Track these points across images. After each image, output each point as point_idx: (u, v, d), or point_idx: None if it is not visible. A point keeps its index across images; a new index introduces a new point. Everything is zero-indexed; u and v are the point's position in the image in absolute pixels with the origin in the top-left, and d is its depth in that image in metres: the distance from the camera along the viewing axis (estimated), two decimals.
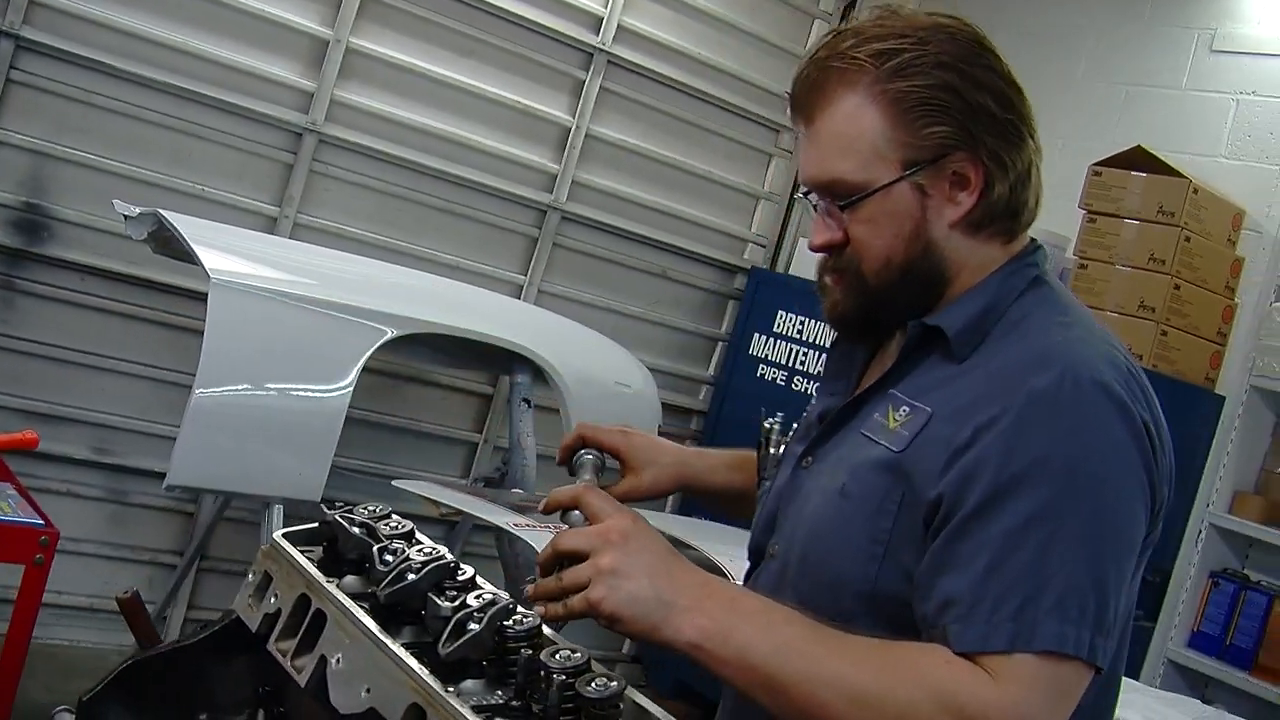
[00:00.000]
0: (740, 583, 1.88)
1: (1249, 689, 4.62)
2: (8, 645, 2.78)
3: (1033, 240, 1.77)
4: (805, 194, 1.75)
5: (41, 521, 2.81)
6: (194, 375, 3.62)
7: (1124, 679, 4.15)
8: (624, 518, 1.53)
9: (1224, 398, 5.08)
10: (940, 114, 1.63)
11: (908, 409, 1.66)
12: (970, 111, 1.64)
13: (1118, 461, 1.55)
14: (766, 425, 1.97)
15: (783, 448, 1.92)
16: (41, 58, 4.56)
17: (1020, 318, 1.68)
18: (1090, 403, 1.54)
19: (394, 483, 3.96)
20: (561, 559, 1.50)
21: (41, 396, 4.74)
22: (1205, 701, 4.41)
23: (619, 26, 5.72)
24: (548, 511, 1.60)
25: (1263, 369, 4.89)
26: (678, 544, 1.92)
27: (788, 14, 6.30)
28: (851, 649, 1.47)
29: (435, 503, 3.70)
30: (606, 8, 5.67)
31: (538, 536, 3.30)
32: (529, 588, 1.50)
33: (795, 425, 1.93)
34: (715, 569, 3.23)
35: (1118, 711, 3.63)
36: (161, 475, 3.69)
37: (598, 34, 5.67)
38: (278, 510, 3.82)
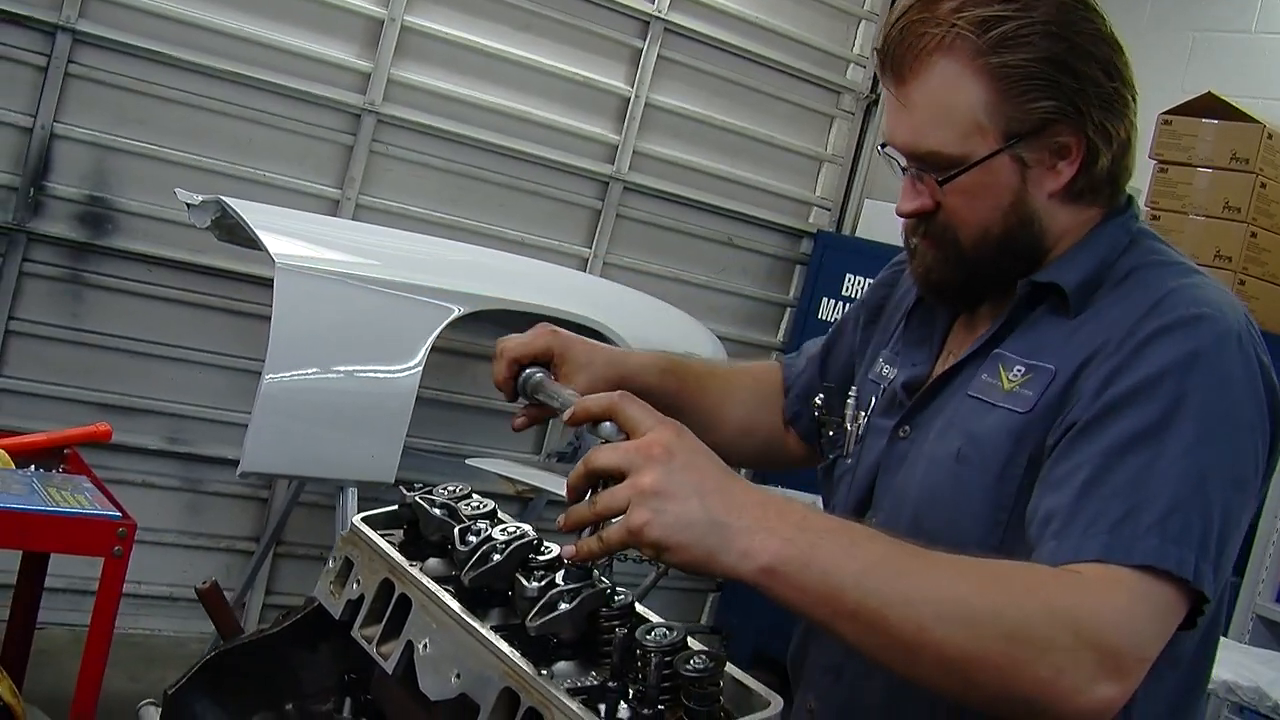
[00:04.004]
0: None
1: None
2: (91, 637, 2.77)
3: (1126, 194, 1.71)
4: (884, 147, 1.67)
5: (118, 513, 2.79)
6: (263, 361, 3.61)
7: None
8: (666, 429, 1.32)
9: None
10: (1046, 88, 1.55)
11: (1023, 368, 1.59)
12: (1077, 84, 1.56)
13: (1234, 394, 1.49)
14: (850, 400, 1.85)
15: (861, 423, 1.82)
16: (98, 50, 4.57)
17: (1129, 270, 1.62)
18: (1207, 336, 1.49)
19: (468, 461, 3.95)
20: (595, 479, 1.32)
21: (113, 389, 4.78)
22: None
23: None
24: (575, 423, 1.40)
25: None
26: None
27: None
28: (948, 565, 1.34)
29: (511, 480, 3.70)
30: None
31: None
32: (560, 518, 1.34)
33: (870, 400, 1.84)
34: None
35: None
36: (235, 463, 3.69)
37: (654, 1, 5.60)
38: (352, 493, 3.81)
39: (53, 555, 3.21)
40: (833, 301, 5.96)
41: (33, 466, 2.99)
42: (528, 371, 1.77)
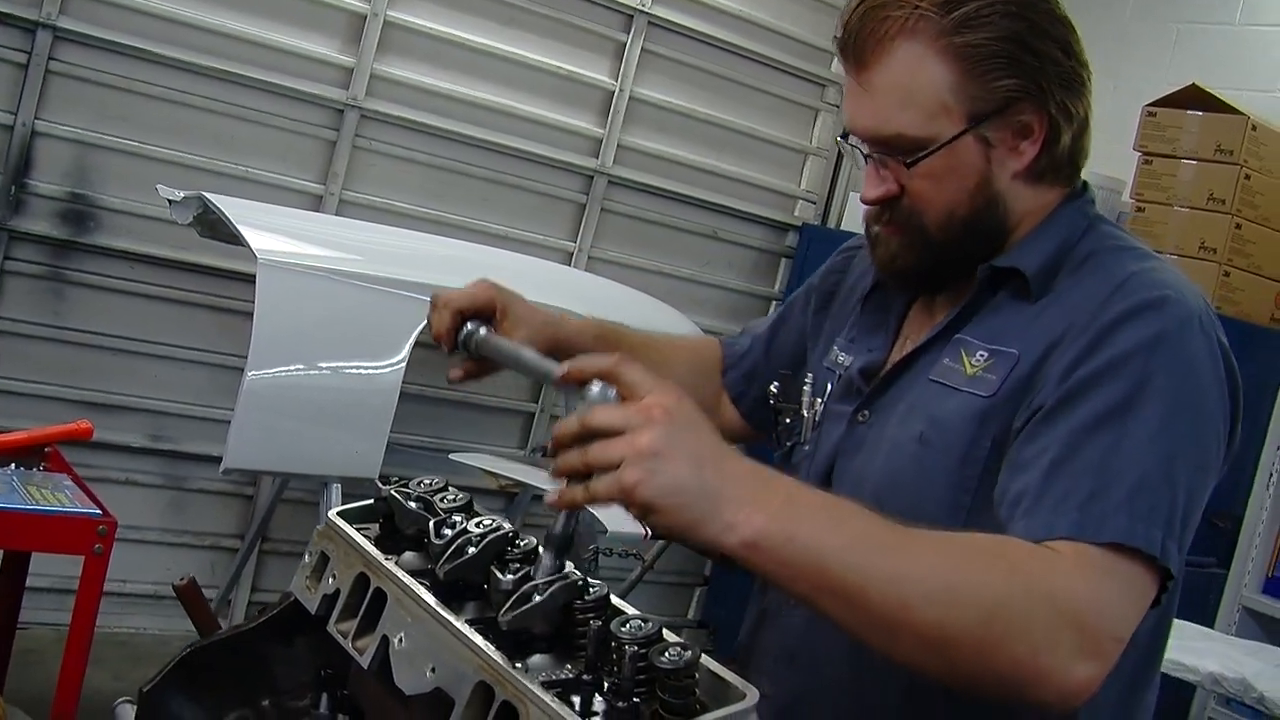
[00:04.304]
0: None
1: None
2: (71, 636, 2.75)
3: (1082, 180, 1.73)
4: (844, 137, 1.69)
5: (99, 511, 2.78)
6: (246, 358, 3.60)
7: (1199, 628, 4.10)
8: (668, 393, 1.30)
9: None
10: (1009, 66, 1.57)
11: (985, 353, 1.60)
12: (1038, 63, 1.58)
13: (1197, 377, 1.50)
14: (805, 387, 1.85)
15: (818, 409, 1.82)
16: (79, 47, 4.55)
17: (1087, 254, 1.63)
18: (1171, 319, 1.50)
19: (451, 456, 3.93)
20: (589, 437, 1.28)
21: (96, 386, 4.76)
22: None
23: None
24: (567, 382, 1.37)
25: None
26: None
27: None
28: (930, 542, 1.35)
29: (494, 474, 3.68)
30: None
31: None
32: (551, 464, 1.31)
33: (826, 386, 1.84)
34: None
35: (1195, 660, 3.58)
36: (219, 460, 3.68)
37: None
38: (336, 489, 3.80)
39: (37, 554, 3.19)
40: None
41: (13, 465, 2.97)
42: (471, 325, 1.76)
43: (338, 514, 1.62)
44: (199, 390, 4.92)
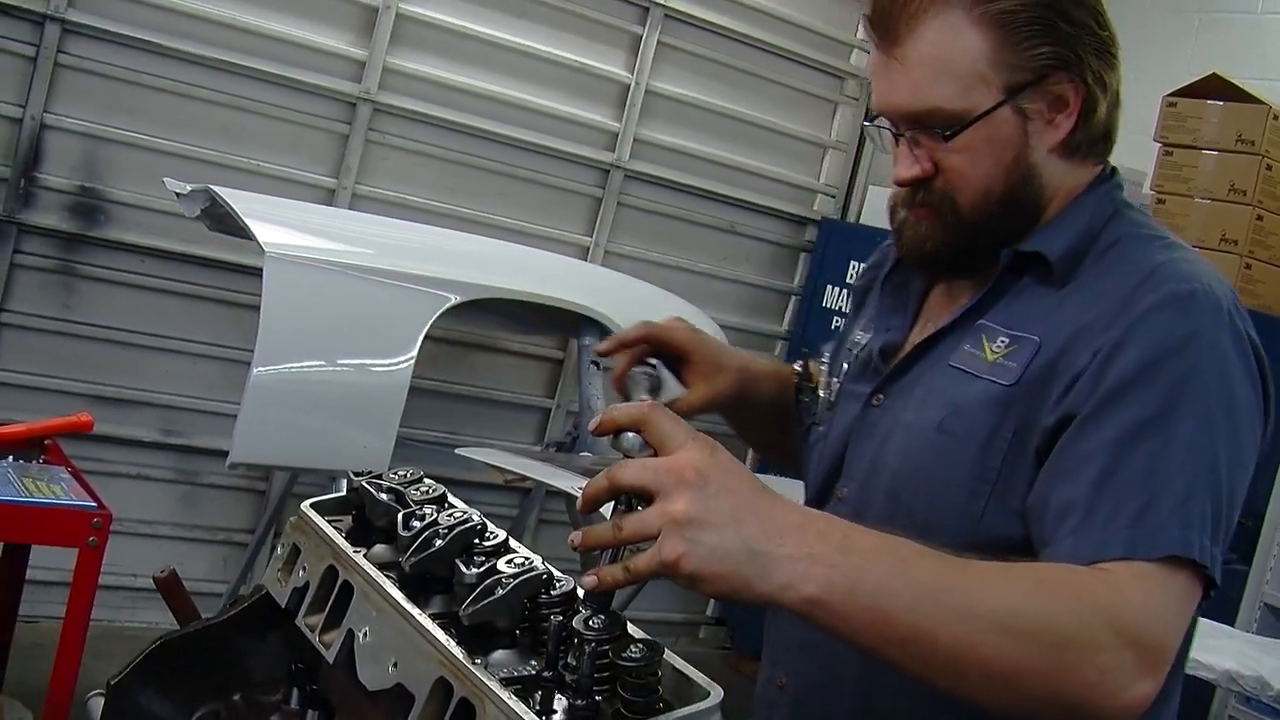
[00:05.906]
0: None
1: None
2: (66, 629, 2.73)
3: (1110, 164, 1.68)
4: (873, 120, 1.63)
5: (94, 504, 2.76)
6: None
7: (1220, 626, 4.04)
8: (699, 448, 1.21)
9: None
10: (1045, 34, 1.52)
11: (1006, 339, 1.56)
12: (1074, 31, 1.54)
13: (1232, 373, 1.47)
14: (822, 366, 1.82)
15: (834, 389, 1.79)
16: (88, 40, 4.55)
17: (1114, 241, 1.59)
18: (1201, 314, 1.47)
19: (458, 450, 3.89)
20: (618, 496, 1.21)
21: (106, 380, 4.75)
22: None
23: None
24: (601, 433, 1.28)
25: None
26: None
27: None
28: (990, 575, 1.29)
29: (500, 469, 3.63)
30: None
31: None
32: (575, 535, 1.21)
33: (843, 365, 1.81)
34: None
35: (1212, 658, 3.53)
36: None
37: None
38: (344, 484, 3.76)
39: (45, 548, 3.17)
40: (837, 289, 5.90)
41: (10, 457, 2.95)
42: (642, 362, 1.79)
43: (310, 505, 1.59)
44: (210, 384, 4.90)
